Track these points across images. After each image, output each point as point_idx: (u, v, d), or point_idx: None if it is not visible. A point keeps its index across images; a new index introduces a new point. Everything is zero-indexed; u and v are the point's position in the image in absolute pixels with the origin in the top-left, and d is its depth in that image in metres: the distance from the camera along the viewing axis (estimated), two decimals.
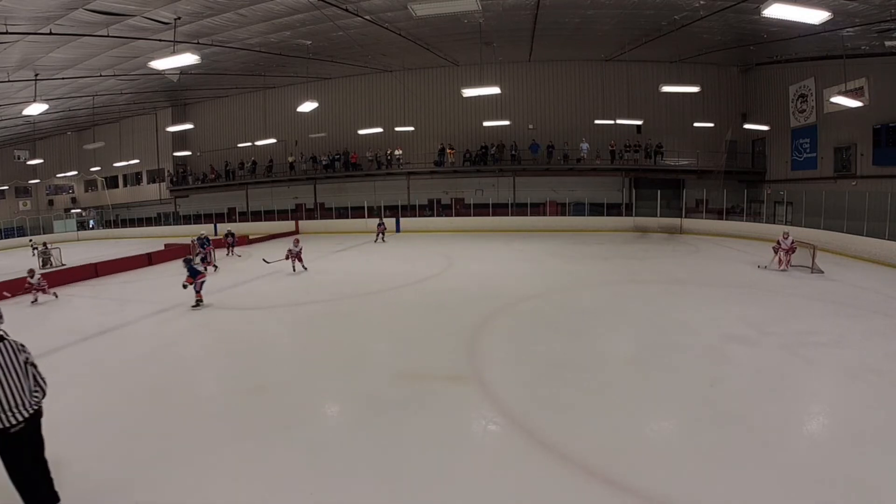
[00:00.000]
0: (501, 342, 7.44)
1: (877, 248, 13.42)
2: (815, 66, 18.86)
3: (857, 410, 4.83)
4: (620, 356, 6.77)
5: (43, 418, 3.46)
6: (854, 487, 3.60)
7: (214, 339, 8.20)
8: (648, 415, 4.93)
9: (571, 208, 24.56)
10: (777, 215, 19.68)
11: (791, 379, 5.58)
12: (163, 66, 11.69)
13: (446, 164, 26.50)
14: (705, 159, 23.95)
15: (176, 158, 31.35)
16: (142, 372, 6.46)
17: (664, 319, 8.18)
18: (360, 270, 13.44)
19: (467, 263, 14.84)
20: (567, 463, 4.02)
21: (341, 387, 5.85)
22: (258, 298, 10.63)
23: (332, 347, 7.35)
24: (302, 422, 4.90)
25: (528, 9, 16.12)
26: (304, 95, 20.21)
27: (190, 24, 14.61)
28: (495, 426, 4.74)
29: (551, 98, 25.90)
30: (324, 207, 29.43)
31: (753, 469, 3.84)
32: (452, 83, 25.07)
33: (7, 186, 33.25)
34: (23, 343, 3.39)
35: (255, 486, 3.78)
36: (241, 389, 5.77)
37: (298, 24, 16.20)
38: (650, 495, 3.56)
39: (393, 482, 3.83)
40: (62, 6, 12.12)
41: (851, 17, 13.19)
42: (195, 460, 4.20)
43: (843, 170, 18.15)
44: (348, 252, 18.29)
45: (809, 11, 8.27)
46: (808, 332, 7.25)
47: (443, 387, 5.67)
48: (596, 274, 12.76)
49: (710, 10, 14.71)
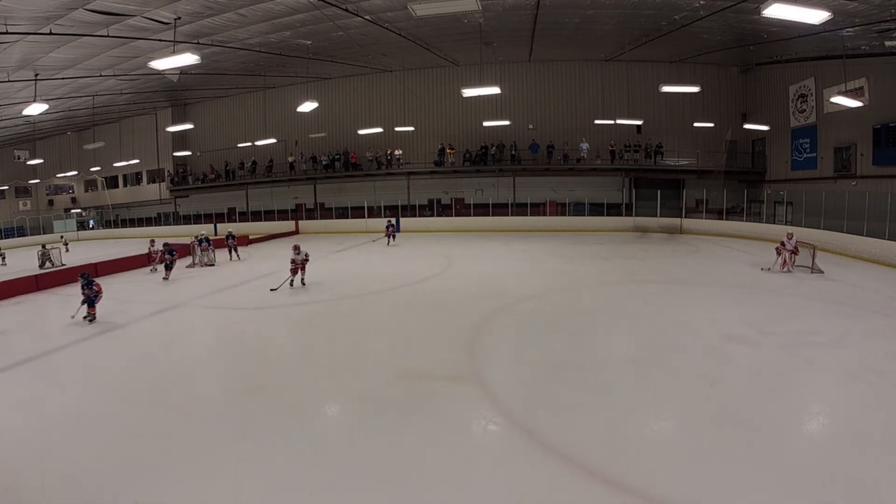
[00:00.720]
0: (501, 342, 7.44)
1: (877, 248, 13.41)
2: (815, 66, 18.85)
3: (857, 410, 4.83)
4: (620, 356, 6.77)
5: (43, 418, 3.46)
6: (854, 487, 3.60)
7: (214, 339, 8.20)
8: (648, 415, 4.93)
9: (571, 208, 24.54)
10: (777, 215, 19.66)
11: (791, 379, 5.58)
12: (163, 66, 11.68)
13: (446, 164, 26.49)
14: (705, 159, 23.93)
15: (176, 158, 31.33)
16: (142, 372, 6.46)
17: (664, 319, 8.18)
18: (361, 270, 13.43)
19: (467, 263, 14.84)
20: (567, 463, 4.02)
21: (341, 387, 5.85)
22: (258, 298, 10.63)
23: (332, 347, 7.35)
24: (302, 422, 4.91)
25: (528, 9, 16.11)
26: (304, 95, 20.20)
27: (190, 24, 14.61)
28: (495, 426, 4.74)
29: (551, 98, 25.90)
30: (324, 207, 29.43)
31: (753, 469, 3.84)
32: (452, 83, 25.06)
33: (7, 186, 33.23)
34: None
35: (255, 486, 3.78)
36: (242, 389, 5.77)
37: (298, 24, 16.19)
38: (650, 495, 3.56)
39: (393, 482, 3.83)
40: (62, 6, 12.11)
41: (851, 17, 13.19)
42: (195, 460, 4.20)
43: (843, 170, 18.14)
44: (348, 252, 18.29)
45: (809, 11, 8.27)
46: (808, 332, 7.25)
47: (443, 387, 5.67)
48: (596, 274, 12.76)
49: (710, 10, 14.70)
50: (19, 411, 5.31)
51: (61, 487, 3.82)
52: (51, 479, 3.92)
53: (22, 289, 12.04)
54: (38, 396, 5.69)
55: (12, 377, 6.37)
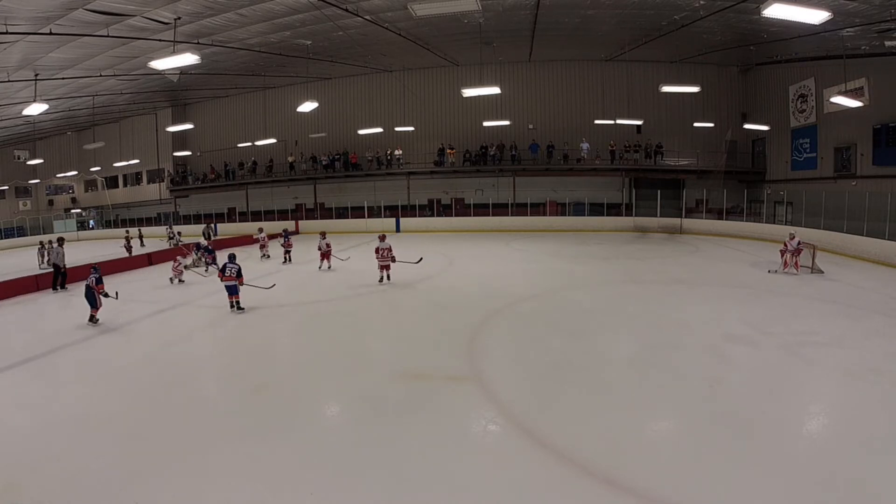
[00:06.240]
0: (501, 342, 7.44)
1: (877, 248, 13.40)
2: (815, 66, 18.85)
3: (856, 410, 4.83)
4: (620, 356, 6.77)
5: (44, 418, 3.46)
6: (854, 487, 3.60)
7: (215, 338, 8.20)
8: (648, 415, 4.94)
9: (571, 208, 24.55)
10: (777, 215, 19.67)
11: (791, 379, 5.58)
12: (163, 66, 11.68)
13: (446, 164, 26.49)
14: (705, 159, 23.94)
15: (176, 158, 31.32)
16: (142, 372, 6.46)
17: (664, 319, 8.18)
18: (361, 270, 13.42)
19: (467, 263, 14.84)
20: (567, 463, 4.02)
21: (341, 387, 5.85)
22: (258, 298, 10.62)
23: (332, 347, 7.35)
24: (302, 422, 4.91)
25: (528, 9, 16.11)
26: (304, 95, 20.20)
27: (190, 24, 14.60)
28: (495, 426, 4.74)
29: (551, 98, 25.90)
30: (324, 207, 29.44)
31: (753, 469, 3.84)
32: (452, 83, 25.06)
33: (7, 186, 33.22)
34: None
35: (255, 486, 3.78)
36: (242, 389, 5.77)
37: (298, 24, 16.19)
38: (650, 495, 3.56)
39: (393, 482, 3.83)
40: (62, 6, 12.11)
41: (851, 17, 13.19)
42: (195, 460, 4.20)
43: (843, 170, 18.15)
44: (348, 252, 18.27)
45: (809, 11, 8.27)
46: (808, 332, 7.25)
47: (443, 387, 5.67)
48: (596, 274, 12.76)
49: (710, 10, 14.70)
50: (19, 411, 5.30)
51: (61, 487, 3.82)
52: (51, 479, 3.91)
53: (22, 289, 12.05)
54: (39, 396, 5.68)
55: (12, 377, 6.37)
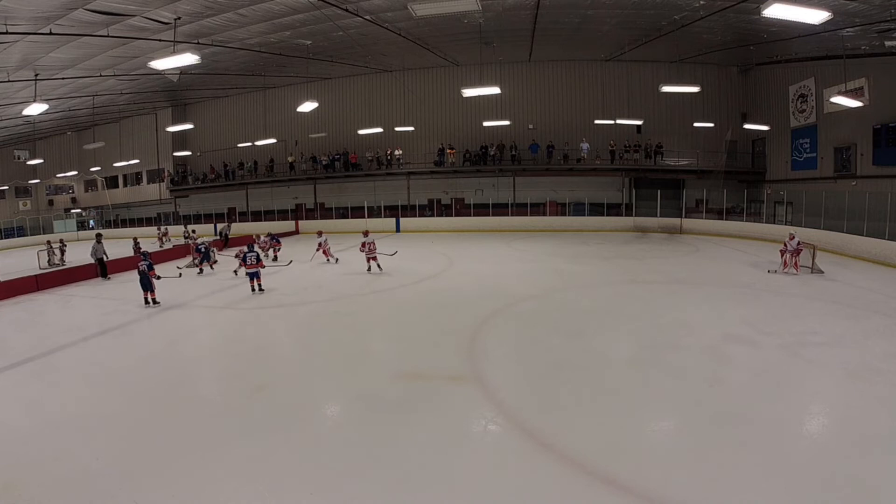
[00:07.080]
0: (501, 342, 7.44)
1: (877, 248, 13.40)
2: (815, 66, 18.84)
3: (857, 410, 4.83)
4: (620, 356, 6.77)
5: (44, 418, 3.46)
6: (854, 488, 3.60)
7: (215, 338, 8.20)
8: (648, 415, 4.94)
9: (571, 208, 24.54)
10: (777, 215, 19.65)
11: (791, 379, 5.58)
12: (163, 66, 11.68)
13: (446, 164, 26.48)
14: (705, 159, 23.93)
15: (176, 158, 31.32)
16: (142, 372, 6.46)
17: (664, 319, 8.18)
18: (360, 270, 13.42)
19: (467, 263, 14.84)
20: (567, 463, 4.02)
21: (341, 386, 5.86)
22: (258, 298, 10.63)
23: (332, 347, 7.35)
24: (302, 422, 4.91)
25: (528, 9, 16.11)
26: (304, 95, 20.21)
27: (190, 24, 14.60)
28: (495, 426, 4.74)
29: (551, 98, 25.89)
30: (324, 207, 29.44)
31: (753, 469, 3.84)
32: (452, 83, 25.06)
33: (7, 186, 33.22)
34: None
35: (255, 486, 3.78)
36: (242, 389, 5.77)
37: (298, 24, 16.19)
38: (650, 495, 3.56)
39: (393, 482, 3.83)
40: (62, 6, 12.11)
41: (851, 17, 13.18)
42: (195, 460, 4.20)
43: (843, 170, 18.14)
44: (348, 252, 18.27)
45: (809, 11, 8.27)
46: (808, 332, 7.25)
47: (443, 387, 5.67)
48: (596, 274, 12.75)
49: (710, 10, 14.69)
50: (20, 411, 5.31)
51: (61, 487, 3.82)
52: (51, 479, 3.92)
53: (22, 289, 12.05)
54: (39, 396, 5.69)
55: (12, 377, 6.37)
